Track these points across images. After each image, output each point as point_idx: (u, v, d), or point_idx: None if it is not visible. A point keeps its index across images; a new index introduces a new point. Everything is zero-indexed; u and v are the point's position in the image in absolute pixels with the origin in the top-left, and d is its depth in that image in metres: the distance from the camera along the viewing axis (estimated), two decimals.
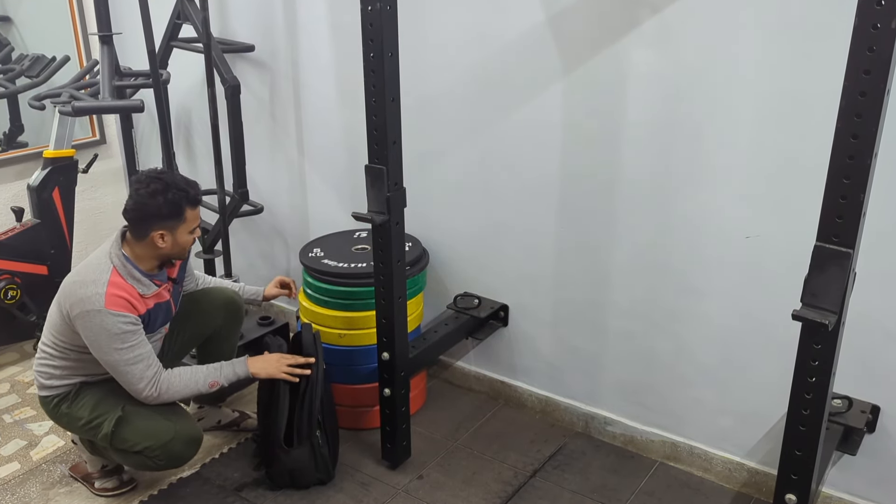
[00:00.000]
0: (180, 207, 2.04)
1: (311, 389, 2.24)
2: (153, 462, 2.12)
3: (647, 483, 2.35)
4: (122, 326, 1.98)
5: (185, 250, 2.14)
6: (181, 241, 2.09)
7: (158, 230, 2.03)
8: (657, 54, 2.06)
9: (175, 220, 2.05)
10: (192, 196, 2.07)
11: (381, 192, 2.02)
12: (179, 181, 2.07)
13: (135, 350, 2.01)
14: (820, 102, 1.82)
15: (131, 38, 3.22)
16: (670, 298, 2.27)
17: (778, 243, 2.02)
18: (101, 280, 2.00)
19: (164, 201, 2.01)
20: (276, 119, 3.06)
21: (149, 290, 2.09)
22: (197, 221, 2.12)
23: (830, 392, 1.57)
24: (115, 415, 2.09)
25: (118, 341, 1.98)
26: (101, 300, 1.96)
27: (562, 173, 2.35)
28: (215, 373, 2.16)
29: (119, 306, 1.98)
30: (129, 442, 2.09)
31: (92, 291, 1.97)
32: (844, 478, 2.12)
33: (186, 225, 2.07)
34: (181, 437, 2.12)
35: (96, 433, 2.12)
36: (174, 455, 2.13)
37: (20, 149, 3.30)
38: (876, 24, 1.27)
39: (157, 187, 2.02)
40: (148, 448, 2.09)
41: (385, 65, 1.90)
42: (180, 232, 2.07)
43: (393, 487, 2.34)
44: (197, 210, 2.10)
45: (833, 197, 1.40)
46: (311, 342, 2.29)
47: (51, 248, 3.01)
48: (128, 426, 2.09)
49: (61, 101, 2.79)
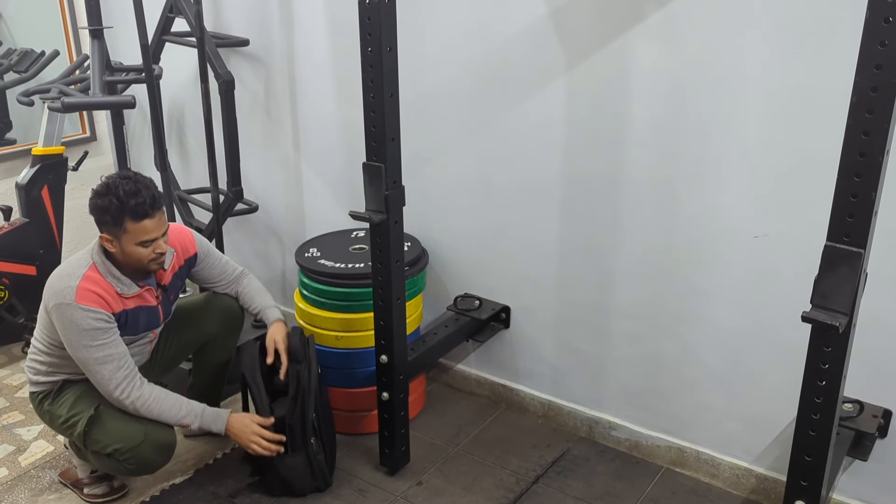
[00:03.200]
0: (114, 216, 1.96)
1: (302, 395, 2.23)
2: (123, 466, 2.11)
3: (653, 489, 2.35)
4: (91, 322, 1.98)
5: (143, 262, 2.03)
6: (129, 251, 2.00)
7: (103, 234, 2.01)
8: (663, 49, 2.06)
9: (113, 227, 1.98)
10: (131, 207, 1.95)
11: (380, 191, 2.02)
12: (124, 189, 1.95)
13: (105, 349, 2.01)
14: (830, 98, 1.82)
15: (122, 32, 3.23)
16: (676, 300, 2.27)
17: (787, 243, 2.02)
18: (77, 274, 2.00)
19: (97, 205, 1.97)
20: (271, 115, 3.06)
21: (129, 290, 2.08)
22: (147, 236, 2.00)
23: (841, 396, 1.57)
24: (87, 414, 2.09)
25: (87, 337, 1.98)
26: (73, 293, 1.97)
27: (565, 172, 2.35)
28: (193, 416, 2.14)
29: (90, 301, 1.98)
30: (101, 443, 2.09)
31: (65, 284, 1.99)
32: (855, 484, 2.12)
33: (129, 236, 1.98)
34: (151, 442, 2.10)
35: (72, 432, 2.13)
36: (143, 460, 2.12)
37: (8, 146, 3.30)
38: (888, 18, 1.27)
39: (99, 188, 1.99)
40: (117, 451, 2.08)
41: (383, 59, 1.90)
42: (125, 242, 1.99)
43: (391, 494, 2.34)
44: (145, 224, 1.98)
45: (844, 195, 1.40)
46: (298, 347, 2.28)
47: (40, 248, 3.01)
48: (99, 426, 2.09)
49: (51, 97, 2.79)
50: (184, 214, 3.17)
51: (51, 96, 2.79)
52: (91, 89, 2.81)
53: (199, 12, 2.65)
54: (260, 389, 2.26)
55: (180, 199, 3.17)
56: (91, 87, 2.81)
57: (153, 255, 2.04)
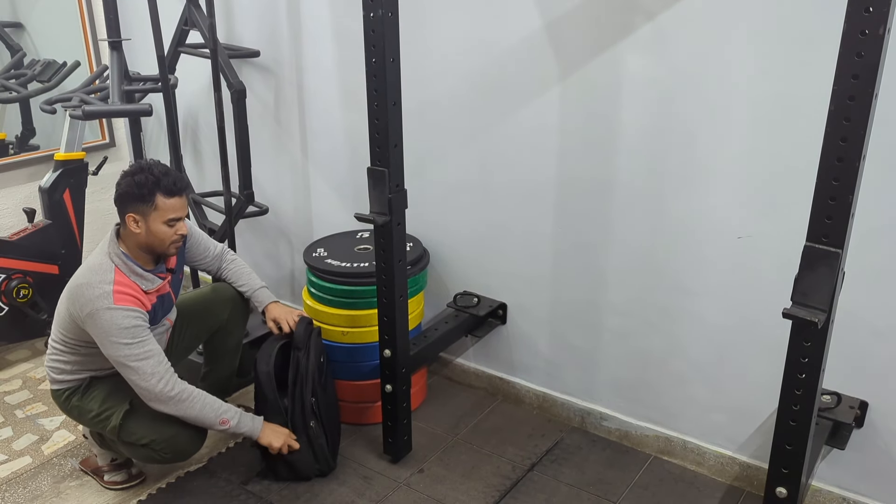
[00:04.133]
0: (149, 190, 1.99)
1: (301, 380, 2.23)
2: (159, 455, 2.13)
3: (642, 477, 2.35)
4: (132, 321, 1.98)
5: (166, 244, 2.06)
6: (154, 229, 2.02)
7: (130, 213, 2.02)
8: (651, 60, 2.06)
9: (144, 203, 2.00)
10: (164, 184, 2.00)
11: (383, 194, 2.02)
12: (157, 169, 2.01)
13: (145, 345, 2.01)
14: (810, 106, 1.82)
15: (140, 43, 3.23)
16: (664, 297, 2.27)
17: (769, 243, 2.02)
18: (107, 279, 2.00)
19: (133, 182, 2.00)
20: (280, 122, 3.06)
21: (152, 285, 2.09)
22: (175, 213, 2.04)
23: (820, 388, 1.57)
24: (123, 408, 2.10)
25: (128, 336, 1.98)
26: (110, 298, 1.97)
27: (558, 176, 2.35)
28: (233, 412, 2.14)
29: (127, 301, 1.99)
30: (136, 435, 2.10)
31: (100, 291, 1.98)
32: (833, 471, 2.12)
33: (159, 213, 2.01)
34: (186, 432, 2.12)
35: (105, 426, 2.12)
36: (179, 449, 2.14)
37: (32, 151, 3.30)
38: (864, 31, 1.27)
39: (133, 169, 2.03)
40: (154, 441, 2.09)
41: (387, 70, 1.90)
42: (152, 219, 2.01)
43: (394, 481, 2.34)
44: (174, 202, 2.03)
45: (823, 198, 1.40)
46: (302, 335, 2.27)
47: (62, 248, 3.01)
48: (135, 419, 2.10)
49: (72, 105, 2.79)
50: (198, 216, 3.16)
51: (72, 105, 2.79)
52: (110, 98, 2.81)
53: (213, 25, 2.65)
54: (274, 391, 2.26)
55: (194, 202, 3.17)
56: (110, 95, 2.81)
57: (175, 236, 2.06)
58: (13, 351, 3.13)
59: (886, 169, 1.77)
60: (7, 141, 3.27)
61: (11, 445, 2.53)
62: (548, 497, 2.26)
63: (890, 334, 1.92)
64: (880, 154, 1.69)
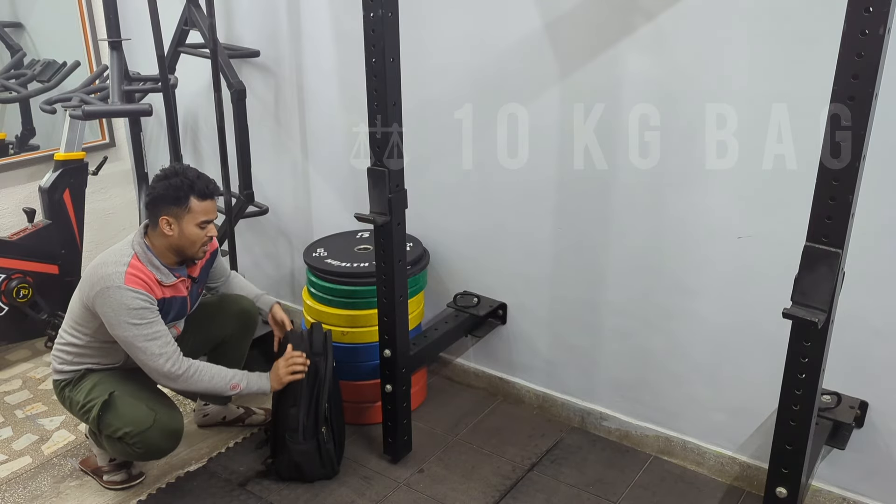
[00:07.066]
0: (184, 193, 2.05)
1: (318, 386, 2.24)
2: (133, 450, 2.11)
3: (642, 476, 2.35)
4: (139, 302, 2.01)
5: (196, 246, 2.11)
6: (188, 232, 2.07)
7: (164, 215, 2.06)
8: (652, 60, 2.06)
9: (178, 206, 2.05)
10: (198, 188, 2.06)
11: (383, 194, 2.02)
12: (191, 173, 2.08)
13: (153, 326, 2.03)
14: (810, 106, 1.82)
15: (140, 43, 3.22)
16: (664, 297, 2.27)
17: (769, 244, 2.02)
18: (122, 261, 2.04)
19: (169, 185, 2.04)
20: (280, 122, 3.06)
21: (167, 280, 2.11)
22: (207, 216, 2.10)
23: (820, 388, 1.57)
24: (102, 399, 2.10)
25: (136, 317, 2.00)
26: (121, 277, 2.00)
27: (558, 176, 2.35)
28: (241, 376, 2.17)
29: (136, 284, 2.02)
30: (112, 427, 2.10)
31: (112, 270, 2.02)
32: (833, 471, 2.12)
33: (192, 216, 2.06)
34: (159, 427, 2.10)
35: (88, 417, 2.13)
36: (151, 445, 2.11)
37: (32, 151, 3.30)
38: (864, 31, 1.27)
39: (166, 172, 2.08)
40: (127, 434, 2.08)
41: (387, 69, 1.90)
42: (186, 222, 2.06)
43: (394, 481, 2.34)
44: (207, 204, 2.09)
45: (822, 198, 1.40)
46: (321, 340, 2.28)
47: (61, 248, 3.01)
48: (112, 411, 2.10)
49: (72, 105, 2.79)
50: None
51: (72, 105, 2.79)
52: (110, 98, 2.81)
53: (213, 25, 2.65)
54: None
55: None
56: (110, 95, 2.81)
57: (206, 237, 2.11)
58: (13, 351, 3.13)
59: (886, 169, 1.77)
60: (7, 141, 3.27)
61: (11, 445, 2.53)
62: (548, 497, 2.26)
63: (890, 334, 1.92)
64: (880, 154, 1.69)
